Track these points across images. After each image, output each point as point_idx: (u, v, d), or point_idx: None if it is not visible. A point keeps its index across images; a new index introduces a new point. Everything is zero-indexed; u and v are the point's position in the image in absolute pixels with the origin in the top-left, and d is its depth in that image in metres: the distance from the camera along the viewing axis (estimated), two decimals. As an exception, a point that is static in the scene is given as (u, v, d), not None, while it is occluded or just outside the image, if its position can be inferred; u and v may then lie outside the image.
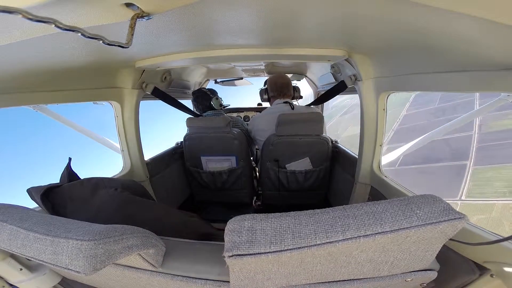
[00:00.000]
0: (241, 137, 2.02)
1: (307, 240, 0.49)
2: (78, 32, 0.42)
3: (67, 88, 1.25)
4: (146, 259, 0.68)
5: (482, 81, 0.79)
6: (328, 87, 2.07)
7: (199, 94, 2.29)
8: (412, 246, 0.55)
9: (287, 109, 1.94)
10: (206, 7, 0.63)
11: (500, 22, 0.47)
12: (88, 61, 1.07)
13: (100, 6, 0.47)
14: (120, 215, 1.01)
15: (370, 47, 1.14)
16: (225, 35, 1.00)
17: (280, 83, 2.03)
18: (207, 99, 2.25)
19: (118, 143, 1.72)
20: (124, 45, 0.53)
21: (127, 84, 1.55)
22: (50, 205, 0.94)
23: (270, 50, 1.22)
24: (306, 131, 1.85)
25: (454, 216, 0.49)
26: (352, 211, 0.53)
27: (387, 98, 1.38)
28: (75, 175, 1.10)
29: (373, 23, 0.77)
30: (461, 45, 0.71)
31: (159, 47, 1.14)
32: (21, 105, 1.12)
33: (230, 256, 0.50)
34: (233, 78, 3.17)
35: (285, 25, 0.86)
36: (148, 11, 0.52)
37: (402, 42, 0.90)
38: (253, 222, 0.53)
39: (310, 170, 1.99)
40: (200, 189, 2.35)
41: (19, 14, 0.33)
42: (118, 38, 0.53)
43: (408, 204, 0.53)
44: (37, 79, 1.06)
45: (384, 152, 1.52)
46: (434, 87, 1.00)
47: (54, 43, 0.74)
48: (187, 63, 1.40)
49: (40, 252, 0.56)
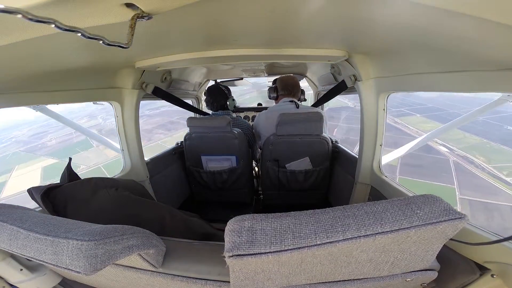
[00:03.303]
0: (242, 137, 2.02)
1: (308, 240, 0.49)
2: (78, 32, 0.42)
3: (67, 88, 1.25)
4: (146, 259, 0.68)
5: (482, 81, 0.79)
6: (328, 87, 2.08)
7: (217, 92, 2.16)
8: (412, 246, 0.55)
9: (292, 107, 1.99)
10: (206, 7, 0.63)
11: (500, 22, 0.47)
12: (88, 61, 1.07)
13: (100, 6, 0.47)
14: (121, 215, 1.01)
15: (370, 47, 1.14)
16: (225, 35, 1.00)
17: (291, 84, 2.13)
18: (225, 98, 2.17)
19: (118, 143, 1.72)
20: (124, 45, 0.53)
21: (127, 84, 1.55)
22: (50, 205, 0.94)
23: (270, 50, 1.22)
24: (306, 131, 1.85)
25: (455, 216, 0.49)
26: (352, 211, 0.53)
27: (387, 98, 1.38)
28: (75, 175, 1.10)
29: (373, 23, 0.77)
30: (461, 45, 0.71)
31: (159, 47, 1.14)
32: (21, 105, 1.12)
33: (230, 256, 0.50)
34: (233, 78, 3.17)
35: (285, 25, 0.86)
36: (148, 11, 0.52)
37: (402, 42, 0.90)
38: (253, 222, 0.53)
39: (310, 170, 1.99)
40: (200, 189, 2.35)
41: (19, 14, 0.33)
42: (118, 38, 0.53)
43: (408, 204, 0.53)
44: (37, 79, 1.06)
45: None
46: (434, 87, 1.00)
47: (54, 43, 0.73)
48: (187, 63, 1.40)
49: (41, 252, 0.56)
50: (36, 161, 31.49)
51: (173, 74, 2.06)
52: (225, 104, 2.19)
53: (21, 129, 48.24)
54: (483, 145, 23.12)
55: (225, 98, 2.18)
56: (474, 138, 23.95)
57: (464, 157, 21.03)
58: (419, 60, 1.00)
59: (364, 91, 1.43)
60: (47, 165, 29.91)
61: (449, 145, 22.42)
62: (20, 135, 45.80)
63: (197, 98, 3.02)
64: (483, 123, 26.47)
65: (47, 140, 38.80)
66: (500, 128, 26.15)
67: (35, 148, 37.25)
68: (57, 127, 38.53)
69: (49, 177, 26.09)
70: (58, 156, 31.58)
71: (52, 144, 37.55)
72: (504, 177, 18.17)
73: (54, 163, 29.45)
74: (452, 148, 22.03)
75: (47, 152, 34.44)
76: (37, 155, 33.75)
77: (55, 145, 36.67)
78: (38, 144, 38.41)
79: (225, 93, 2.20)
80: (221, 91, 2.19)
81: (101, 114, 44.00)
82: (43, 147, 37.21)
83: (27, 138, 43.19)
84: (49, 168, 28.78)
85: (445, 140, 22.76)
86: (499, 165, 19.73)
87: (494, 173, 18.66)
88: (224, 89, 2.22)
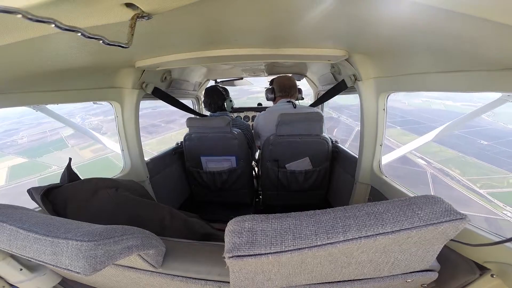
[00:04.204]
0: (241, 137, 2.02)
1: (308, 241, 0.49)
2: (78, 32, 0.42)
3: (67, 88, 1.25)
4: (146, 259, 0.68)
5: (482, 81, 0.79)
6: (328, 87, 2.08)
7: (214, 93, 2.17)
8: (413, 246, 0.55)
9: (289, 107, 2.01)
10: (206, 7, 0.63)
11: (500, 22, 0.47)
12: (88, 61, 1.07)
13: (100, 6, 0.47)
14: (120, 215, 1.01)
15: (370, 47, 1.14)
16: (225, 35, 1.00)
17: (289, 85, 2.16)
18: (222, 99, 2.18)
19: (118, 143, 1.72)
20: (124, 45, 0.53)
21: (127, 84, 1.55)
22: (50, 205, 0.94)
23: (270, 50, 1.22)
24: (306, 131, 1.85)
25: (456, 216, 0.49)
26: (353, 211, 0.53)
27: (387, 98, 1.38)
28: (75, 175, 1.10)
29: (373, 23, 0.77)
30: (461, 45, 0.71)
31: (159, 47, 1.14)
32: (21, 105, 1.12)
33: (230, 257, 0.49)
34: (233, 78, 3.16)
35: (285, 25, 0.86)
36: (148, 11, 0.52)
37: (402, 42, 0.90)
38: (254, 223, 0.53)
39: (310, 170, 1.99)
40: (200, 189, 2.35)
41: (19, 14, 0.33)
42: (118, 38, 0.53)
43: (409, 204, 0.53)
44: (37, 79, 1.06)
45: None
46: (434, 87, 1.00)
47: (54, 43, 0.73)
48: (187, 63, 1.40)
49: (40, 252, 0.55)
50: (2, 159, 29.99)
51: (173, 73, 2.06)
52: (223, 105, 2.19)
53: (-9, 125, 46.07)
54: (459, 158, 23.99)
55: (223, 99, 2.19)
56: (450, 151, 24.79)
57: (441, 170, 21.65)
58: (419, 60, 1.00)
59: (364, 91, 1.43)
60: (14, 164, 28.31)
61: (427, 157, 23.09)
62: (-11, 131, 43.81)
63: (197, 98, 3.03)
64: (459, 137, 27.32)
65: (18, 138, 37.17)
66: (473, 142, 26.97)
67: (3, 145, 35.67)
68: (31, 124, 36.72)
69: (15, 177, 24.99)
70: (29, 155, 30.10)
71: (23, 142, 36.04)
72: (478, 189, 18.86)
73: (23, 163, 28.10)
74: (430, 161, 22.70)
75: (16, 151, 32.81)
76: (5, 153, 32.11)
77: (26, 144, 35.18)
78: (7, 142, 36.85)
79: (223, 94, 2.20)
80: (219, 92, 2.19)
81: (80, 114, 42.74)
82: (12, 145, 35.55)
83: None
84: (16, 167, 27.29)
85: (423, 153, 23.44)
86: (473, 178, 20.51)
87: (469, 185, 19.34)
88: (222, 90, 2.22)
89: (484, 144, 26.55)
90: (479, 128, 31.00)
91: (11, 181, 24.58)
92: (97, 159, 26.23)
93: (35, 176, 24.26)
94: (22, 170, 26.38)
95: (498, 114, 31.90)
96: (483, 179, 20.55)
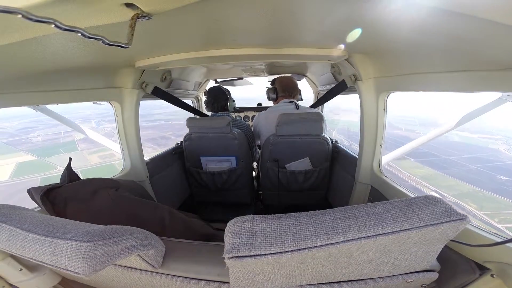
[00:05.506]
0: (241, 137, 2.02)
1: (308, 241, 0.49)
2: (78, 32, 0.42)
3: (67, 88, 1.25)
4: (145, 259, 0.68)
5: (482, 81, 0.79)
6: (328, 87, 2.08)
7: (218, 93, 2.17)
8: (413, 247, 0.55)
9: (292, 108, 2.01)
10: (206, 7, 0.63)
11: (500, 22, 0.47)
12: (88, 61, 1.07)
13: (100, 6, 0.47)
14: (120, 215, 1.01)
15: (370, 47, 1.14)
16: (225, 34, 1.00)
17: (291, 85, 2.18)
18: (225, 99, 2.18)
19: (118, 143, 1.72)
20: (124, 45, 0.53)
21: (127, 84, 1.55)
22: (50, 205, 0.94)
23: (270, 50, 1.22)
24: (306, 131, 1.85)
25: (456, 217, 0.49)
26: (353, 212, 0.53)
27: (387, 98, 1.38)
28: (75, 175, 1.10)
29: (373, 23, 0.77)
30: (461, 45, 0.71)
31: (159, 47, 1.14)
32: (21, 105, 1.12)
33: (230, 257, 0.49)
34: (233, 78, 3.16)
35: (285, 25, 0.86)
36: (148, 11, 0.52)
37: (402, 42, 0.90)
38: (253, 224, 0.53)
39: (310, 170, 1.99)
40: (200, 189, 2.34)
41: (19, 14, 0.33)
42: (118, 38, 0.53)
43: (409, 205, 0.53)
44: (37, 79, 1.06)
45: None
46: (434, 87, 1.00)
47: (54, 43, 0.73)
48: (187, 63, 1.40)
49: (40, 253, 0.55)
50: (13, 155, 29.96)
51: (173, 73, 2.06)
52: (226, 105, 2.19)
53: (11, 121, 46.37)
54: (476, 193, 23.23)
55: (226, 99, 2.19)
56: (468, 186, 24.12)
57: (456, 203, 21.19)
58: (419, 60, 1.00)
59: (364, 90, 1.43)
60: (23, 161, 28.14)
61: (441, 191, 22.39)
62: (8, 126, 44.33)
63: (197, 98, 3.02)
64: (476, 172, 26.55)
65: (33, 136, 37.40)
66: (492, 177, 26.13)
67: (18, 142, 35.82)
68: (48, 124, 37.09)
69: (20, 175, 24.95)
70: (38, 154, 30.11)
71: (37, 140, 36.09)
72: (496, 224, 18.44)
73: (31, 160, 28.01)
74: (444, 194, 22.07)
75: (28, 148, 32.75)
76: (17, 149, 32.16)
77: (39, 142, 35.30)
78: (22, 139, 36.91)
79: (226, 94, 2.20)
80: (222, 92, 2.20)
81: (96, 119, 42.59)
82: (26, 142, 35.68)
83: (14, 131, 41.67)
84: (24, 164, 27.12)
85: (437, 187, 22.95)
86: (491, 212, 20.01)
87: (486, 220, 18.93)
88: (225, 90, 2.23)
89: (504, 179, 25.72)
90: (497, 163, 30.01)
91: (14, 178, 24.54)
92: (102, 165, 26.15)
93: (39, 175, 24.25)
94: (29, 168, 26.34)
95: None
96: (502, 213, 20.05)
